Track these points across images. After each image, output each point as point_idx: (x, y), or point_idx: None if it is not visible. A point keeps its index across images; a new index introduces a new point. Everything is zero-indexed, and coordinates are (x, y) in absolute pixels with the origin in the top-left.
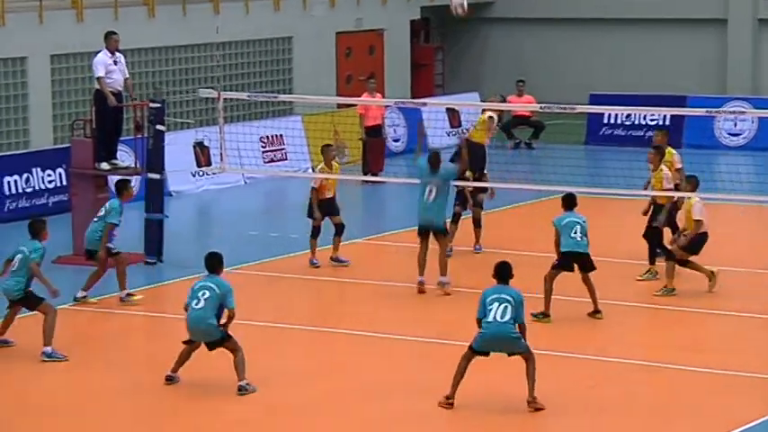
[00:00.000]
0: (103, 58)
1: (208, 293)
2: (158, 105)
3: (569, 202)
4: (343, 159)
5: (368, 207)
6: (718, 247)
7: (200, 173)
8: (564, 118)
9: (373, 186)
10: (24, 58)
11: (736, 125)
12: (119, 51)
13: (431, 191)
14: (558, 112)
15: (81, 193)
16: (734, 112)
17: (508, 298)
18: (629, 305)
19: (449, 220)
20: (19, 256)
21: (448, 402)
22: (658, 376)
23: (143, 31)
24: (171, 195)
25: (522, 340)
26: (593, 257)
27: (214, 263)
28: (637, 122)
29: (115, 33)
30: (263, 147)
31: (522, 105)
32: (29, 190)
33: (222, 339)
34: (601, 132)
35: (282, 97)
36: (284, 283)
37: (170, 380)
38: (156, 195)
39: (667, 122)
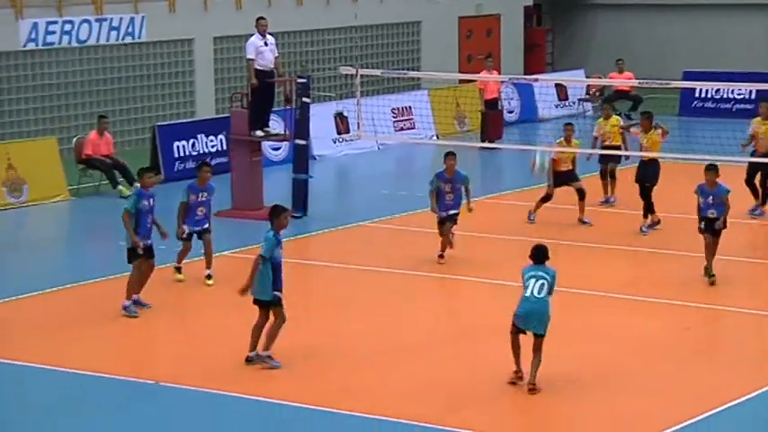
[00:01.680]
0: (254, 40)
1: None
2: (304, 81)
3: (538, 255)
4: (464, 128)
5: (486, 170)
6: None
7: (340, 139)
8: (660, 92)
9: (491, 152)
10: (191, 39)
11: None
12: (270, 34)
13: None
14: (655, 87)
15: (238, 156)
16: None
17: (544, 275)
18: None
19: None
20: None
21: (517, 376)
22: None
23: (293, 16)
24: (315, 159)
25: (547, 323)
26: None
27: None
28: (725, 96)
29: (263, 18)
30: (393, 117)
31: (623, 81)
32: (194, 153)
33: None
34: (693, 105)
35: (411, 74)
36: (409, 236)
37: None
38: (302, 158)
39: (753, 96)
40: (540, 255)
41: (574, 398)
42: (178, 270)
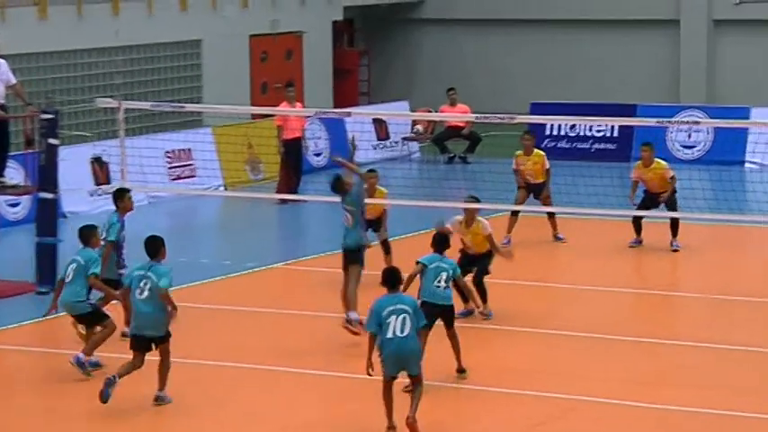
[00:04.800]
0: None
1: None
2: (51, 116)
3: (440, 242)
4: (258, 176)
5: (286, 228)
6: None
7: (98, 192)
8: (502, 129)
9: (293, 206)
10: None
11: (690, 137)
12: (0, 57)
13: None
14: (496, 123)
15: None
16: (687, 123)
17: (405, 308)
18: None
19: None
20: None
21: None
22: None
23: (33, 33)
24: (65, 217)
25: (421, 360)
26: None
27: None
28: (582, 134)
29: None
30: (168, 162)
31: (456, 116)
32: None
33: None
34: (543, 145)
35: (190, 107)
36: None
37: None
38: (48, 217)
39: (615, 134)
40: (392, 279)
41: None
42: None
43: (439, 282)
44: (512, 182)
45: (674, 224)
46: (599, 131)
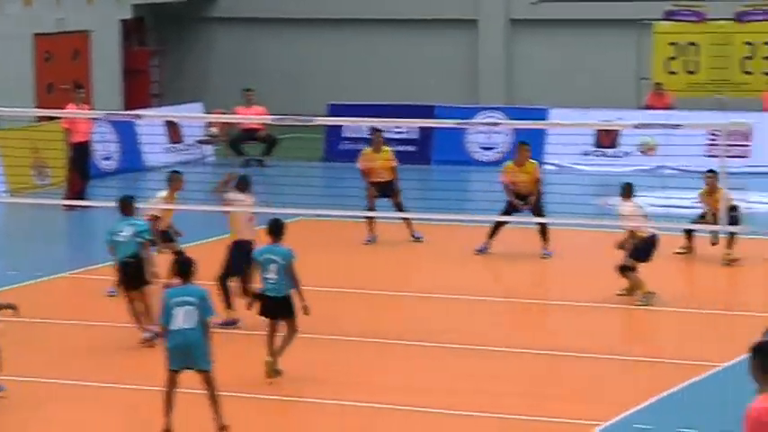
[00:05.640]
0: None
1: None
2: None
3: (275, 230)
4: (45, 181)
5: (74, 236)
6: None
7: None
8: (300, 131)
9: (81, 212)
10: None
11: (489, 138)
12: None
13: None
14: (293, 125)
15: None
16: (486, 124)
17: (191, 299)
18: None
19: None
20: None
21: None
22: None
23: None
24: None
25: (209, 354)
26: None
27: None
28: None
29: None
30: None
31: (252, 118)
32: None
33: None
34: (340, 147)
35: None
36: None
37: None
38: None
39: (415, 136)
40: (182, 270)
41: None
42: None
43: (269, 273)
44: (310, 184)
45: (543, 230)
46: (398, 133)
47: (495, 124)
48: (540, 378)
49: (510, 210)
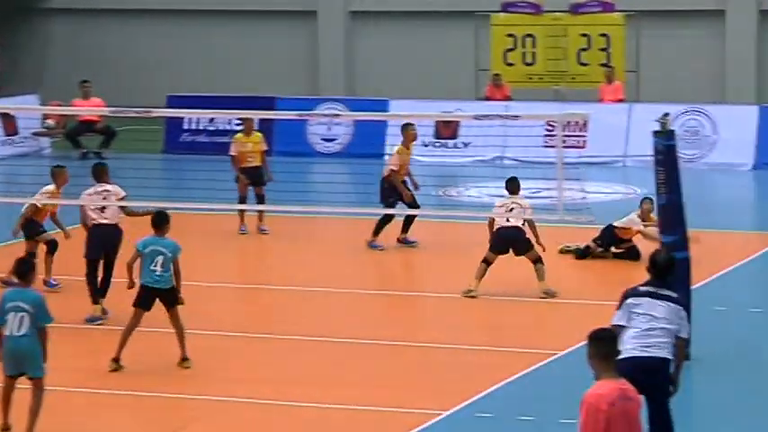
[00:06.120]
0: None
1: None
2: None
3: (160, 222)
4: None
5: None
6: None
7: None
8: (139, 123)
9: None
10: None
11: (330, 129)
12: None
13: None
14: (132, 117)
15: None
16: (327, 116)
17: (24, 306)
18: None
19: None
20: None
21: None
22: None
23: None
24: None
25: (41, 362)
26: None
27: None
28: (222, 128)
29: None
30: None
31: (90, 110)
32: None
33: None
34: (181, 139)
35: None
36: None
37: None
38: None
39: (256, 127)
40: (19, 271)
41: None
42: None
43: (155, 266)
44: (148, 177)
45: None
46: (239, 125)
47: (336, 116)
48: (383, 368)
49: (390, 203)
